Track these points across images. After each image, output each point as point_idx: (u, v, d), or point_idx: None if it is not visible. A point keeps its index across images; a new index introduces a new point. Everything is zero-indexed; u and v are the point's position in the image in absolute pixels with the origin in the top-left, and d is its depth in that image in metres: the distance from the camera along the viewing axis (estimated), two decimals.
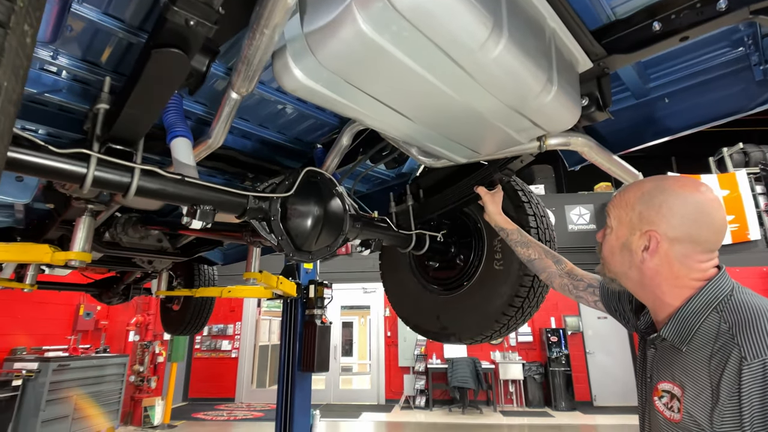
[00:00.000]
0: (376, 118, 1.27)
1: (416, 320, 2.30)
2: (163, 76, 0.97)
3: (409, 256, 2.38)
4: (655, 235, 0.95)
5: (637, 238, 0.99)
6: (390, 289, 2.48)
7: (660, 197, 0.98)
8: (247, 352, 10.43)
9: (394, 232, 1.95)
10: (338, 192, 1.69)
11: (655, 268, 0.96)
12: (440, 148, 1.51)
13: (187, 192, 1.30)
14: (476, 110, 1.21)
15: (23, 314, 5.95)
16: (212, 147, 1.80)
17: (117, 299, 4.32)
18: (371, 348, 11.06)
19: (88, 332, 6.98)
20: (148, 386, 7.71)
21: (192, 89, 1.46)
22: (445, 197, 1.99)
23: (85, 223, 2.29)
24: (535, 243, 1.65)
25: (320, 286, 4.41)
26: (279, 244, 1.49)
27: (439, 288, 2.24)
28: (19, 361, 5.62)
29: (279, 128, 2.35)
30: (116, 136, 1.14)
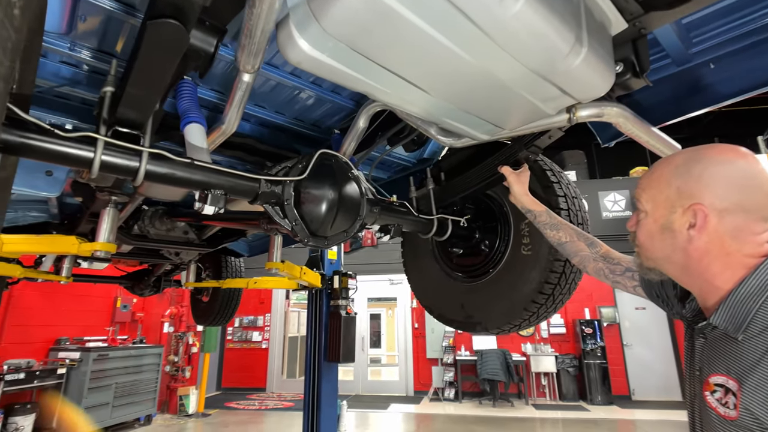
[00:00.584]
0: (388, 92, 1.19)
1: (440, 309, 2.22)
2: (161, 50, 0.92)
3: (431, 243, 2.30)
4: (701, 208, 0.84)
5: (679, 215, 0.88)
6: (413, 277, 2.41)
7: (698, 166, 0.86)
8: (277, 343, 10.62)
9: (413, 216, 1.87)
10: (354, 175, 1.63)
11: (704, 247, 0.85)
12: (460, 124, 1.42)
13: (197, 176, 1.26)
14: (497, 77, 1.11)
15: (66, 306, 6.25)
16: (226, 133, 1.77)
17: (149, 291, 4.44)
18: (399, 339, 11.05)
19: (125, 324, 7.27)
20: (183, 376, 7.98)
21: (201, 72, 1.43)
22: (468, 179, 1.89)
23: (109, 214, 2.33)
24: (565, 225, 1.53)
25: (344, 276, 4.38)
26: (293, 229, 1.44)
27: (463, 275, 2.15)
28: (63, 350, 5.91)
29: (296, 114, 2.31)
30: (122, 119, 1.11)
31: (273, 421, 7.84)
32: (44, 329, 5.95)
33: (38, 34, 1.20)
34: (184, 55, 1.35)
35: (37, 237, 2.18)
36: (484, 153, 1.87)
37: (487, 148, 1.83)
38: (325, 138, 2.51)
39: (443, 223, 1.99)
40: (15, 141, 1.00)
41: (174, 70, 0.99)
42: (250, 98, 2.11)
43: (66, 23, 1.59)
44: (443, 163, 2.16)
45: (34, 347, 5.78)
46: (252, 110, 2.19)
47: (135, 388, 6.45)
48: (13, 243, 2.13)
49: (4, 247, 2.12)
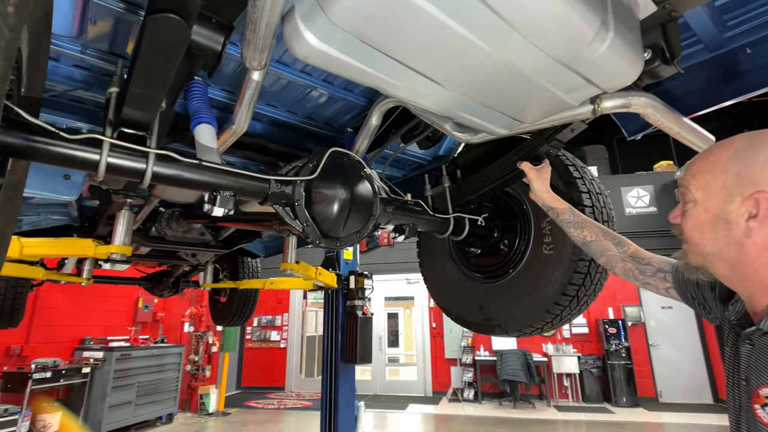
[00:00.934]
0: (400, 86, 1.13)
1: (458, 311, 2.16)
2: (162, 47, 0.89)
3: (448, 243, 2.23)
4: (764, 196, 0.75)
5: (737, 205, 0.79)
6: (429, 278, 2.34)
7: (764, 151, 0.78)
8: (295, 342, 10.69)
9: (429, 216, 1.81)
10: (366, 174, 1.58)
11: (763, 241, 0.76)
12: (477, 118, 1.35)
13: (204, 177, 1.23)
14: (516, 67, 1.05)
15: (90, 307, 6.40)
16: (237, 133, 1.74)
17: (168, 292, 4.49)
18: (416, 339, 10.97)
19: (147, 323, 7.41)
20: (203, 375, 8.09)
21: (210, 71, 1.40)
22: (485, 176, 1.82)
23: (124, 217, 2.34)
24: (590, 223, 1.45)
25: (360, 276, 4.35)
26: (304, 230, 1.40)
27: (481, 276, 2.08)
28: (88, 350, 6.05)
29: (308, 113, 2.27)
30: (127, 120, 1.08)
31: (292, 421, 7.88)
32: (69, 329, 6.11)
33: (45, 37, 1.19)
34: (190, 53, 1.32)
35: (55, 240, 2.20)
36: (502, 148, 1.80)
37: (505, 144, 1.76)
38: (338, 136, 2.47)
39: (460, 222, 1.92)
40: (20, 144, 0.98)
41: (176, 67, 0.95)
42: (262, 98, 2.09)
43: (77, 26, 1.58)
44: (459, 160, 2.09)
45: (60, 347, 5.94)
46: (264, 110, 2.17)
47: (157, 387, 6.56)
48: (33, 246, 2.16)
49: (24, 250, 2.15)
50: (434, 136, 1.97)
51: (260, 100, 2.12)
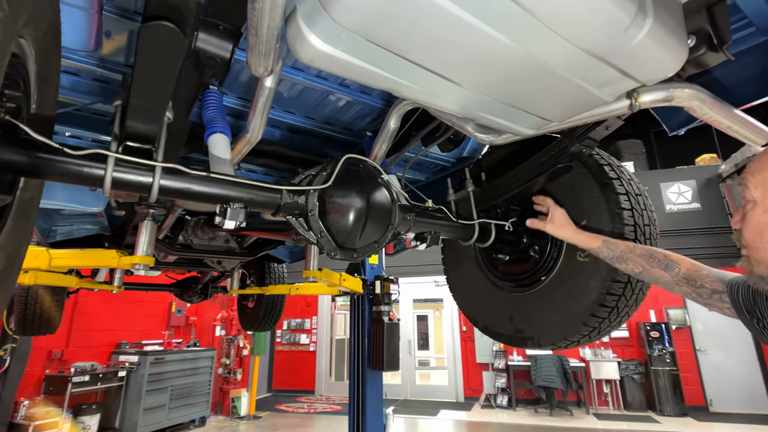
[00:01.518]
0: (413, 87, 1.05)
1: (486, 321, 2.05)
2: (157, 56, 0.84)
3: (474, 250, 2.12)
4: None
5: None
6: (455, 286, 2.24)
7: None
8: (324, 345, 10.73)
9: (452, 222, 1.71)
10: (384, 180, 1.50)
11: None
12: (500, 118, 1.25)
13: (213, 189, 1.19)
14: (542, 62, 0.95)
15: (126, 312, 6.63)
16: (252, 141, 1.70)
17: (197, 298, 4.57)
18: (447, 343, 10.80)
19: (179, 327, 7.61)
20: (235, 378, 8.23)
21: (220, 79, 1.36)
22: (512, 179, 1.71)
23: (147, 227, 2.36)
24: (630, 253, 1.34)
25: (386, 281, 4.27)
26: (318, 242, 1.34)
27: (511, 284, 1.96)
28: (124, 354, 6.26)
29: (326, 118, 2.22)
30: (132, 133, 1.05)
31: (322, 425, 7.89)
32: (106, 334, 6.34)
33: (54, 53, 1.18)
34: (198, 62, 1.29)
35: (81, 251, 2.24)
36: (529, 149, 1.68)
37: (532, 143, 1.64)
38: (357, 141, 2.41)
39: (485, 228, 1.81)
40: (23, 161, 0.96)
41: (175, 76, 0.91)
42: (279, 104, 2.05)
43: (93, 41, 1.59)
44: (484, 161, 1.99)
45: (97, 351, 6.17)
46: (281, 116, 2.13)
47: (190, 391, 6.71)
48: (61, 257, 2.21)
49: (53, 262, 2.20)
50: (456, 138, 1.87)
51: (277, 107, 2.09)
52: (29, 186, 1.24)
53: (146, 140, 1.08)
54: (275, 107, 2.08)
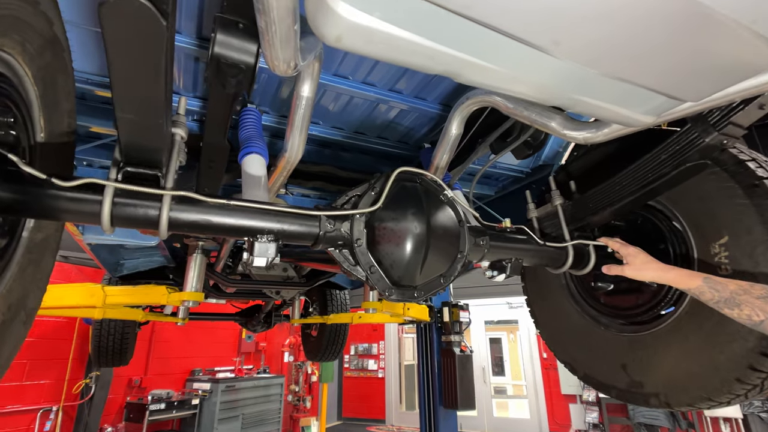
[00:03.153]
0: (483, 65, 0.75)
1: (588, 369, 1.62)
2: (130, 44, 0.62)
3: (565, 277, 1.72)
4: None
5: None
6: (542, 323, 1.84)
7: None
8: (393, 371, 10.33)
9: (538, 246, 1.35)
10: (447, 197, 1.20)
11: None
12: (606, 102, 0.90)
13: (234, 220, 0.96)
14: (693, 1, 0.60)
15: (199, 339, 6.82)
16: (292, 162, 1.49)
17: (260, 327, 4.49)
18: (525, 370, 9.90)
19: (250, 354, 7.70)
20: (304, 406, 8.13)
21: (246, 89, 1.16)
22: (615, 188, 1.32)
23: (196, 261, 2.25)
24: (745, 295, 0.97)
25: (455, 308, 3.88)
26: (368, 279, 1.06)
27: (620, 322, 1.54)
28: (197, 381, 6.39)
29: (378, 132, 1.98)
30: (132, 156, 0.85)
31: None
32: (181, 361, 6.54)
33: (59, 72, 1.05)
34: (220, 71, 1.09)
35: (133, 288, 2.18)
36: (639, 145, 1.29)
37: (643, 138, 1.26)
38: (415, 155, 2.13)
39: (581, 251, 1.42)
40: (6, 197, 0.79)
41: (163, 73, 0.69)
42: (324, 119, 1.84)
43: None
44: (572, 167, 1.61)
45: (173, 378, 6.37)
46: (328, 133, 1.92)
47: (261, 419, 6.69)
48: (114, 294, 2.16)
49: (108, 299, 2.15)
50: (535, 140, 1.53)
51: (323, 123, 1.88)
52: (41, 227, 1.10)
53: (150, 164, 0.88)
54: (320, 123, 1.87)
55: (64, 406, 4.85)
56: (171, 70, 0.72)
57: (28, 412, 4.63)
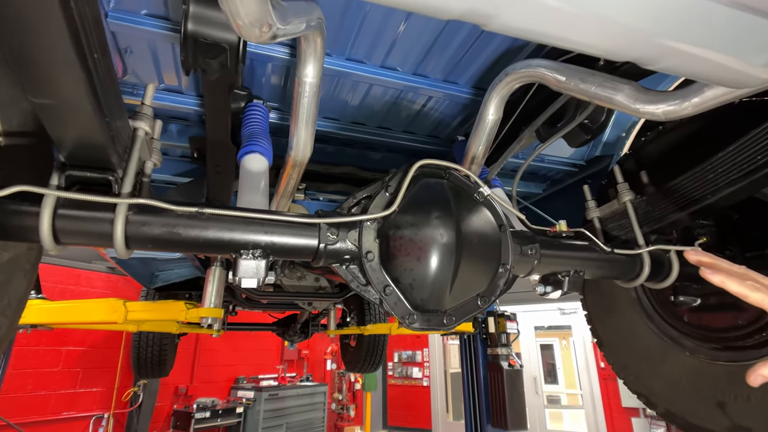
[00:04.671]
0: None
1: (669, 404, 1.31)
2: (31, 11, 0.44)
3: (636, 288, 1.41)
4: None
5: None
6: (607, 343, 1.53)
7: None
8: (438, 380, 9.95)
9: (603, 254, 1.07)
10: (483, 196, 0.95)
11: None
12: (711, 50, 0.63)
13: (210, 232, 0.77)
14: None
15: (242, 347, 6.86)
16: (300, 161, 1.29)
17: (297, 337, 4.37)
18: (580, 380, 9.22)
19: (293, 361, 7.66)
20: (348, 414, 7.98)
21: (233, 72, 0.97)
22: (709, 175, 1.02)
23: (215, 275, 2.10)
24: None
25: (501, 318, 3.56)
26: (384, 301, 0.83)
27: (711, 346, 1.22)
28: (241, 389, 6.41)
29: (404, 126, 1.75)
30: (75, 156, 0.68)
31: None
32: (226, 369, 6.59)
33: None
34: (197, 53, 0.91)
35: (153, 304, 2.10)
36: (727, 124, 0.99)
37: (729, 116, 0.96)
38: (448, 150, 1.89)
39: (659, 259, 1.12)
40: None
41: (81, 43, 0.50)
42: (343, 114, 1.64)
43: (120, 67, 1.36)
44: (643, 153, 1.31)
45: (218, 386, 6.42)
46: (350, 129, 1.72)
47: (304, 428, 6.61)
48: (135, 310, 2.07)
49: (129, 315, 2.07)
50: (594, 122, 1.24)
51: (342, 118, 1.68)
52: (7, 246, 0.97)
53: (98, 165, 0.71)
54: (338, 119, 1.67)
55: (114, 413, 4.99)
56: (97, 40, 0.54)
57: (82, 419, 4.79)
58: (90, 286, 4.96)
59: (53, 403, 4.59)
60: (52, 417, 4.54)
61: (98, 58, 0.55)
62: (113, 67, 0.63)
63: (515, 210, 1.07)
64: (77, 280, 4.84)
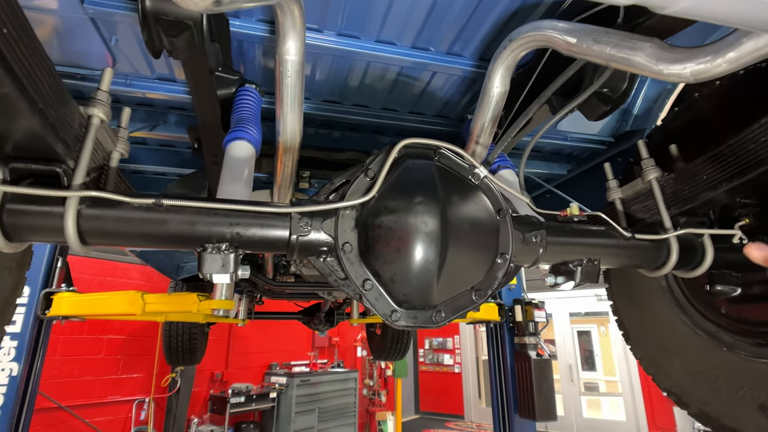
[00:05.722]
0: None
1: (704, 404, 1.17)
2: None
3: (666, 276, 1.27)
4: None
5: None
6: (634, 336, 1.40)
7: None
8: (470, 366, 9.87)
9: (623, 240, 0.94)
10: (480, 177, 0.85)
11: None
12: None
13: (169, 225, 0.71)
14: None
15: (275, 334, 7.01)
16: (290, 146, 1.22)
17: (322, 326, 4.38)
18: (619, 367, 8.88)
19: (324, 348, 7.76)
20: (379, 400, 8.04)
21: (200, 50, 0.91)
22: (750, 145, 0.87)
23: None
24: None
25: (529, 306, 3.41)
26: (364, 297, 0.75)
27: (753, 341, 1.07)
28: (274, 375, 6.56)
29: (410, 107, 1.64)
30: (19, 146, 0.64)
31: None
32: (259, 355, 6.76)
33: None
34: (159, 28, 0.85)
35: (168, 296, 2.12)
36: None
37: None
38: (459, 131, 1.77)
39: (691, 244, 0.99)
40: None
41: None
42: (343, 97, 1.55)
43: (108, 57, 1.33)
44: (674, 124, 1.16)
45: (252, 372, 6.60)
46: (354, 113, 1.63)
47: (336, 413, 6.72)
48: (152, 303, 2.10)
49: (147, 307, 2.10)
50: (614, 91, 1.10)
51: (344, 101, 1.59)
52: None
53: (45, 156, 0.66)
54: (340, 102, 1.59)
55: (155, 397, 5.22)
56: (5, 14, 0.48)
57: (125, 403, 5.05)
58: (126, 278, 5.17)
59: (98, 388, 4.86)
60: (98, 401, 4.80)
61: (9, 34, 0.50)
62: (41, 50, 0.58)
63: (522, 194, 0.96)
64: (114, 272, 5.06)
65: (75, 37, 1.21)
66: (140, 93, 1.46)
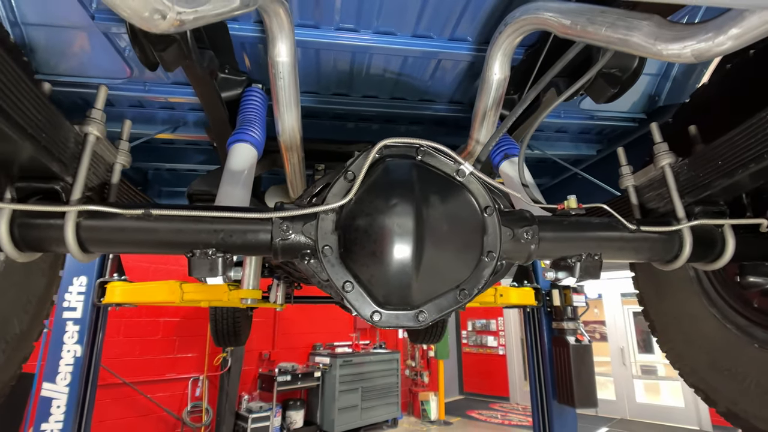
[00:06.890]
0: None
1: (733, 403, 1.10)
2: None
3: (695, 269, 1.19)
4: None
5: None
6: (661, 329, 1.32)
7: None
8: (515, 348, 9.71)
9: (626, 232, 0.89)
10: (464, 173, 0.82)
11: None
12: None
13: (160, 233, 0.75)
14: None
15: (318, 316, 7.25)
16: (291, 143, 1.24)
17: None
18: None
19: (366, 330, 7.94)
20: (422, 380, 8.15)
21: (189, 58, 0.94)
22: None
23: (251, 258, 2.19)
24: None
25: (567, 290, 3.28)
26: (345, 299, 0.77)
27: None
28: (318, 355, 6.82)
29: (420, 95, 1.60)
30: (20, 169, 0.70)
31: None
32: (304, 336, 7.04)
33: None
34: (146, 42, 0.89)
35: (202, 285, 2.23)
36: None
37: None
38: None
39: (709, 234, 0.91)
40: None
41: None
42: (350, 89, 1.54)
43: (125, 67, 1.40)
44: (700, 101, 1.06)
45: (297, 352, 6.90)
46: (363, 105, 1.62)
47: (379, 392, 6.89)
48: (189, 291, 2.24)
49: (185, 296, 2.25)
50: (623, 71, 1.02)
51: (352, 93, 1.59)
52: None
53: (44, 175, 0.72)
54: (348, 94, 1.58)
55: (208, 375, 5.62)
56: None
57: (182, 380, 5.47)
58: (179, 265, 5.54)
59: (157, 366, 5.30)
60: (157, 378, 5.24)
61: None
62: (23, 78, 0.62)
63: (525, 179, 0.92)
64: (167, 259, 5.42)
65: (93, 50, 1.28)
66: (162, 98, 1.54)
